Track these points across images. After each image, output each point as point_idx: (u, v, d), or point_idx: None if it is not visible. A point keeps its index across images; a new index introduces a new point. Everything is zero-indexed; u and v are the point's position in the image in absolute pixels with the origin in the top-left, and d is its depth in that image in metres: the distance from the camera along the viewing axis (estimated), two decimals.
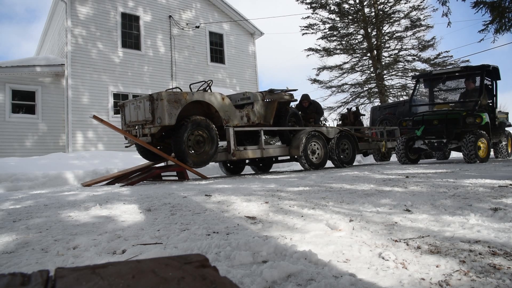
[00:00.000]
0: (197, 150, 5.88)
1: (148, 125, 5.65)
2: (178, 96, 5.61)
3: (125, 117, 6.31)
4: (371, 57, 19.83)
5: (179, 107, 5.56)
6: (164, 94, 5.48)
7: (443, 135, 7.10)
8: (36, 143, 12.09)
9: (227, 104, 6.32)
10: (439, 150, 7.93)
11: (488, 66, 7.47)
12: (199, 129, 5.80)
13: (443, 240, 1.41)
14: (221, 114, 6.16)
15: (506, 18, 8.38)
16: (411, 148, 7.76)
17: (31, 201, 3.54)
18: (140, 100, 5.86)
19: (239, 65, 16.69)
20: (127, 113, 6.24)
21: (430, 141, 7.32)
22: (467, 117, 6.86)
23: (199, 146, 5.90)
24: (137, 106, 5.91)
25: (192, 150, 5.81)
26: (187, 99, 5.69)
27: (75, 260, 1.34)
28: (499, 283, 0.96)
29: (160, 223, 1.97)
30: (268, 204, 2.43)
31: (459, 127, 6.96)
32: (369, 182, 3.48)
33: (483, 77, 7.31)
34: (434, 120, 7.23)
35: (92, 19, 13.08)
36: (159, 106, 5.45)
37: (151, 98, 5.54)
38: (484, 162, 6.77)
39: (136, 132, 5.94)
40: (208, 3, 16.04)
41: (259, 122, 6.87)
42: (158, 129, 5.52)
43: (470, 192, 2.49)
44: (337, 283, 0.97)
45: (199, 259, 0.61)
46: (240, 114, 6.57)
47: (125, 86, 13.43)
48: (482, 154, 6.92)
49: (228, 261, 1.22)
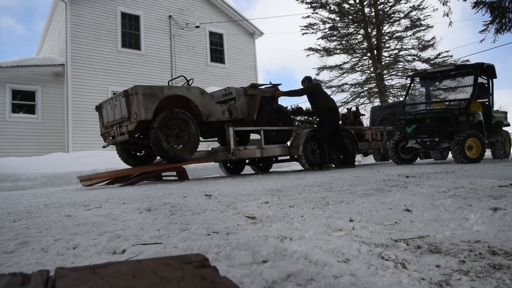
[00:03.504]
0: (177, 143, 5.73)
1: (125, 123, 5.52)
2: (154, 90, 5.48)
3: (102, 119, 6.17)
4: (371, 57, 19.83)
5: (156, 101, 5.43)
6: (139, 88, 5.36)
7: (435, 134, 7.07)
8: (36, 143, 12.09)
9: (207, 99, 6.17)
10: (431, 149, 7.89)
11: (483, 65, 7.45)
12: (176, 121, 5.62)
13: (443, 240, 1.41)
14: (201, 109, 6.01)
15: (506, 18, 8.38)
16: (404, 148, 7.74)
17: (31, 201, 3.54)
18: (115, 98, 5.73)
19: (239, 65, 16.69)
20: (104, 114, 6.10)
21: (423, 140, 7.30)
22: (460, 116, 6.81)
23: (179, 140, 5.75)
24: (114, 105, 5.78)
25: (174, 144, 5.66)
26: (164, 93, 5.56)
27: (75, 260, 1.34)
28: (499, 283, 0.96)
29: (160, 223, 1.97)
30: (268, 204, 2.43)
31: (451, 126, 6.92)
32: (369, 182, 3.48)
33: (477, 75, 7.29)
34: (427, 119, 7.21)
35: (92, 19, 13.08)
36: (135, 101, 5.32)
37: (126, 93, 5.43)
38: (475, 163, 6.61)
39: (114, 132, 5.81)
40: (208, 3, 16.04)
41: (242, 118, 6.69)
42: (135, 125, 5.37)
43: (470, 192, 2.49)
44: (337, 283, 0.97)
45: (199, 259, 0.61)
46: (222, 109, 6.40)
47: (125, 86, 13.40)
48: (473, 154, 6.80)
49: (228, 261, 1.22)
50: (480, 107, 7.68)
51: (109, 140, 6.06)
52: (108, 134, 6.05)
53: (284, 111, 7.36)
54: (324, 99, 7.28)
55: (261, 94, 6.94)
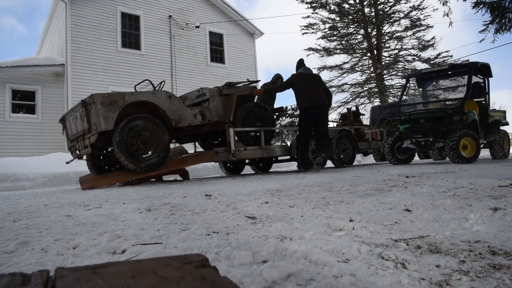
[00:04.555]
0: (144, 152, 5.34)
1: (87, 135, 5.15)
2: (114, 97, 5.11)
3: (67, 132, 5.81)
4: (371, 57, 19.84)
5: (117, 109, 5.06)
6: (96, 96, 5.00)
7: (429, 134, 7.08)
8: (36, 143, 12.09)
9: (175, 103, 5.78)
10: (426, 149, 7.90)
11: (477, 64, 7.45)
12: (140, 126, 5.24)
13: (443, 240, 1.41)
14: (169, 114, 5.62)
15: (506, 18, 8.38)
16: (400, 148, 7.76)
17: (31, 201, 3.54)
18: (75, 109, 5.36)
19: (239, 65, 16.69)
20: (68, 127, 5.74)
21: (417, 140, 7.31)
22: (453, 115, 6.81)
23: (146, 148, 5.36)
24: (75, 117, 5.39)
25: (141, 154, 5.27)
26: (125, 99, 5.19)
27: (75, 260, 1.34)
28: (499, 283, 0.96)
29: (160, 223, 1.97)
30: (268, 204, 2.43)
31: (445, 126, 6.92)
32: (369, 182, 3.48)
33: (471, 74, 7.30)
34: (421, 119, 7.22)
35: (92, 19, 13.08)
36: (93, 111, 4.96)
37: (84, 103, 5.05)
38: (470, 163, 6.59)
39: (79, 146, 5.46)
40: (208, 3, 16.04)
41: (218, 120, 6.28)
42: (96, 137, 5.01)
43: (470, 192, 2.49)
44: (337, 283, 0.97)
45: (199, 259, 0.61)
46: (193, 113, 5.98)
47: (125, 86, 13.42)
48: (468, 153, 6.80)
49: (228, 261, 1.22)
50: (476, 106, 7.68)
51: (75, 154, 5.74)
52: (74, 148, 5.70)
53: (263, 110, 6.91)
54: (300, 95, 6.35)
55: (237, 93, 6.51)
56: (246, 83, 7.02)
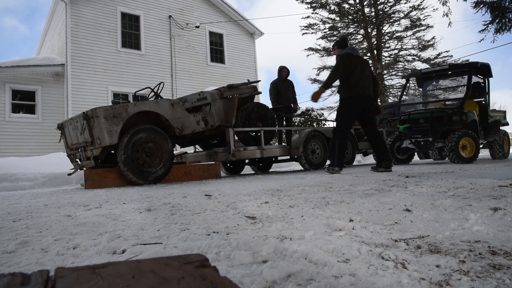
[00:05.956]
0: (151, 162, 5.24)
1: (89, 147, 5.05)
2: (117, 110, 4.98)
3: (66, 140, 5.73)
4: (371, 57, 19.84)
5: (120, 122, 4.95)
6: (99, 110, 4.88)
7: (429, 134, 7.08)
8: (36, 143, 12.09)
9: (178, 110, 5.66)
10: (426, 149, 7.92)
11: (477, 64, 7.45)
12: (143, 139, 5.14)
13: (443, 240, 1.41)
14: (172, 123, 5.52)
15: (506, 18, 8.38)
16: (399, 148, 7.75)
17: (31, 201, 3.54)
18: (76, 120, 5.23)
19: (239, 65, 16.69)
20: (67, 134, 5.65)
21: (417, 140, 7.31)
22: (453, 115, 6.82)
23: (152, 157, 5.26)
24: (75, 127, 5.27)
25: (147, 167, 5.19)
26: (128, 111, 5.07)
27: (75, 260, 1.34)
28: (499, 283, 0.96)
29: (160, 223, 1.97)
30: (268, 204, 2.43)
31: (444, 126, 6.92)
32: (369, 182, 3.48)
33: (470, 74, 7.30)
34: (420, 118, 7.22)
35: (92, 19, 13.08)
36: (96, 125, 4.85)
37: (86, 116, 4.92)
38: (469, 163, 6.59)
39: (80, 156, 5.37)
40: (208, 3, 16.04)
41: (220, 124, 6.18)
42: (99, 151, 4.94)
43: (470, 192, 2.49)
44: (337, 283, 0.97)
45: (199, 259, 0.61)
46: (196, 119, 5.87)
47: (125, 86, 13.44)
48: (468, 153, 6.80)
49: (228, 261, 1.22)
50: (476, 107, 7.69)
51: (76, 164, 5.66)
52: (74, 157, 5.63)
53: (263, 110, 6.84)
54: (348, 80, 5.26)
55: (239, 95, 6.42)
56: (246, 84, 6.98)
